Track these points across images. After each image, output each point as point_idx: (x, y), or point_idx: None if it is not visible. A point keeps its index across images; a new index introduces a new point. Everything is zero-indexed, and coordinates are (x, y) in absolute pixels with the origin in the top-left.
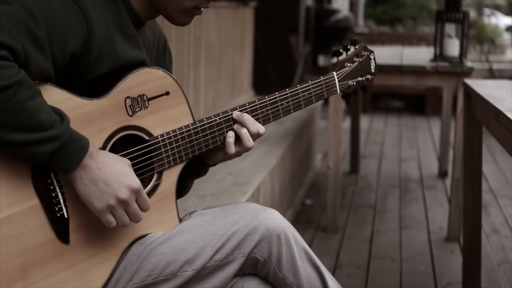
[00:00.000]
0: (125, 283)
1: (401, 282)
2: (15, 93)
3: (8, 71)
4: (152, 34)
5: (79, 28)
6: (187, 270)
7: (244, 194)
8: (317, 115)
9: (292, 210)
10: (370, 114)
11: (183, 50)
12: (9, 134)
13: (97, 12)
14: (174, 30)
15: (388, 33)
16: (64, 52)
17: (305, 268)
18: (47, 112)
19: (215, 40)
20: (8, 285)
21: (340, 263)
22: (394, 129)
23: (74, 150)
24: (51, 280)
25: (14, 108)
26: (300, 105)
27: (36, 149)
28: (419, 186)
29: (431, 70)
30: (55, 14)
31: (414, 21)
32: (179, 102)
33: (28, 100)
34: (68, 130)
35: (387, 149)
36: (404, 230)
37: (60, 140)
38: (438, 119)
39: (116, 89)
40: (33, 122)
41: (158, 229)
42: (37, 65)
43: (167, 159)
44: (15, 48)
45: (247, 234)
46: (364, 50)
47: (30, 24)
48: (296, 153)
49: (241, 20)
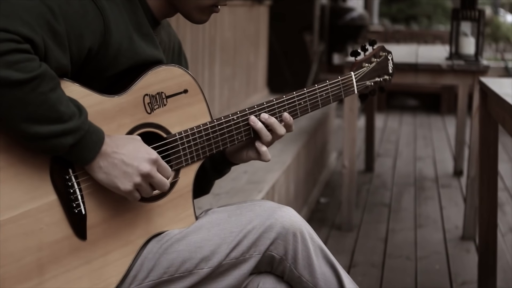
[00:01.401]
0: (141, 280)
1: (416, 281)
2: (38, 85)
3: (31, 64)
4: (168, 38)
5: (96, 25)
6: (203, 267)
7: (259, 192)
8: (332, 114)
9: (307, 208)
10: (385, 112)
11: (198, 49)
12: (32, 127)
13: (114, 10)
14: (189, 29)
15: (403, 31)
16: (81, 48)
17: (321, 266)
18: (66, 104)
19: (230, 38)
20: (24, 280)
21: (355, 261)
22: (409, 128)
23: (92, 141)
24: (67, 276)
25: (37, 100)
26: (318, 104)
27: (58, 141)
28: (434, 184)
29: (447, 69)
30: (73, 11)
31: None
32: (197, 100)
33: (50, 92)
34: (87, 122)
35: (402, 147)
36: (419, 229)
37: (80, 132)
38: (453, 118)
39: (135, 86)
40: (54, 114)
41: (174, 227)
42: (56, 59)
43: (184, 157)
44: (36, 41)
45: (263, 232)
46: (382, 51)
47: (50, 19)
48: (311, 151)
49: (256, 19)
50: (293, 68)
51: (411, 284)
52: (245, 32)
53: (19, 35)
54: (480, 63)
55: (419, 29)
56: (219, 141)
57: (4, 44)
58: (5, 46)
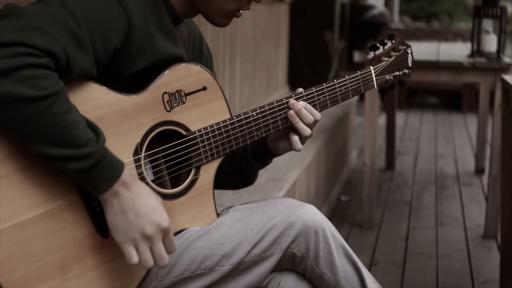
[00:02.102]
0: (162, 277)
1: (438, 280)
2: (52, 104)
3: (47, 81)
4: (188, 31)
5: (120, 24)
6: (225, 264)
7: (280, 190)
8: (353, 111)
9: (328, 206)
10: (405, 110)
11: (219, 46)
12: (43, 147)
13: (138, 8)
14: (210, 27)
15: (424, 28)
16: (107, 49)
17: (343, 264)
18: (82, 129)
19: (251, 36)
20: (48, 279)
21: (376, 259)
22: (430, 126)
23: (106, 173)
24: (90, 274)
25: (50, 121)
26: (337, 99)
27: (67, 165)
28: (455, 183)
29: (469, 66)
30: (96, 13)
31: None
32: (216, 97)
33: (65, 114)
34: (103, 150)
35: (423, 145)
36: (440, 227)
37: (92, 159)
38: (475, 116)
39: (154, 84)
40: (67, 137)
41: (195, 224)
42: (79, 66)
43: (204, 154)
44: (55, 53)
45: (284, 229)
46: (401, 45)
47: (72, 25)
48: (331, 149)
49: (276, 16)
50: (313, 65)
51: (432, 282)
52: (265, 30)
53: (36, 48)
54: (502, 61)
55: (440, 26)
56: (238, 137)
57: (20, 58)
58: (21, 61)
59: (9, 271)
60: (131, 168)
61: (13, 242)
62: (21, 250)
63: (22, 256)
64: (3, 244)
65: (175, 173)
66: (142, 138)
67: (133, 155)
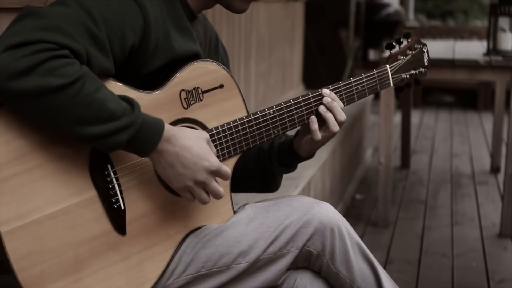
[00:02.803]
0: (179, 274)
1: (453, 279)
2: (82, 86)
3: (71, 67)
4: (204, 31)
5: (137, 23)
6: (241, 262)
7: (295, 188)
8: (368, 110)
9: (343, 205)
10: (420, 108)
11: (234, 45)
12: (85, 128)
13: (154, 6)
14: (225, 25)
15: (439, 27)
16: (124, 48)
17: (359, 262)
18: (116, 101)
19: (266, 34)
20: (65, 275)
21: (391, 258)
22: (445, 124)
23: (149, 135)
24: (107, 271)
25: (85, 102)
26: (353, 98)
27: (113, 139)
28: (471, 181)
29: (484, 64)
30: (113, 12)
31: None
32: (233, 95)
33: (97, 92)
34: (140, 116)
35: (438, 144)
36: (455, 226)
37: (134, 126)
38: (490, 114)
39: (171, 82)
40: (105, 113)
41: (213, 222)
42: (99, 65)
43: (221, 151)
44: (77, 50)
45: (300, 227)
46: (417, 43)
47: (90, 25)
48: (346, 147)
49: (291, 15)
50: (328, 64)
51: (448, 281)
52: (281, 28)
53: (57, 44)
54: None
55: (455, 24)
56: (255, 135)
57: (41, 54)
58: (42, 56)
59: (28, 267)
60: (149, 165)
61: (32, 238)
62: (40, 246)
63: (40, 252)
64: (21, 240)
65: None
66: None
67: None
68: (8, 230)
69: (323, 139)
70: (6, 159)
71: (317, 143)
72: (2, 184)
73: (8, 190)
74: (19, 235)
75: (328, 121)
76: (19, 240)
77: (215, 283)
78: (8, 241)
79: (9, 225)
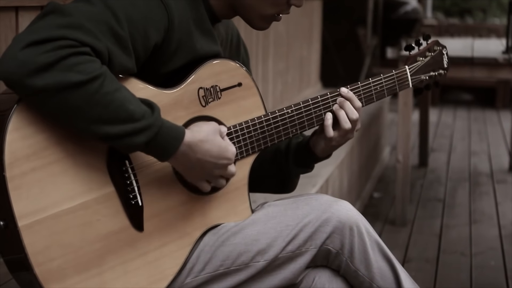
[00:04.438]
0: (197, 272)
1: (471, 277)
2: (101, 85)
3: (92, 65)
4: (225, 30)
5: (161, 22)
6: (259, 260)
7: (313, 186)
8: (385, 108)
9: (360, 203)
10: (438, 107)
11: (252, 43)
12: (102, 128)
13: (178, 6)
14: (243, 24)
15: (457, 24)
16: (147, 46)
17: (378, 260)
18: (136, 103)
19: (284, 33)
20: (83, 271)
21: (409, 257)
22: (463, 122)
23: (168, 140)
24: (125, 267)
25: (104, 100)
26: (372, 98)
27: (131, 140)
28: (489, 180)
29: (503, 62)
30: (138, 11)
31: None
32: (251, 93)
33: (116, 92)
34: (160, 119)
35: (456, 142)
36: (474, 225)
37: (153, 129)
38: (509, 112)
39: (189, 80)
40: (124, 113)
41: (231, 220)
42: (120, 64)
43: (239, 149)
44: (98, 49)
45: (319, 225)
46: (436, 45)
47: (113, 24)
48: (364, 146)
49: (309, 13)
50: (346, 62)
51: (466, 280)
52: (298, 26)
53: (77, 40)
54: None
55: (473, 22)
56: (273, 134)
57: (62, 51)
58: (63, 52)
59: (45, 261)
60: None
61: (49, 233)
62: (57, 241)
63: (57, 247)
64: (39, 235)
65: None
66: None
67: None
68: (26, 224)
69: (338, 138)
70: (25, 154)
71: (331, 142)
72: (20, 179)
73: (26, 185)
74: (36, 230)
75: (340, 118)
76: (37, 235)
77: (234, 282)
78: (26, 235)
79: (27, 219)
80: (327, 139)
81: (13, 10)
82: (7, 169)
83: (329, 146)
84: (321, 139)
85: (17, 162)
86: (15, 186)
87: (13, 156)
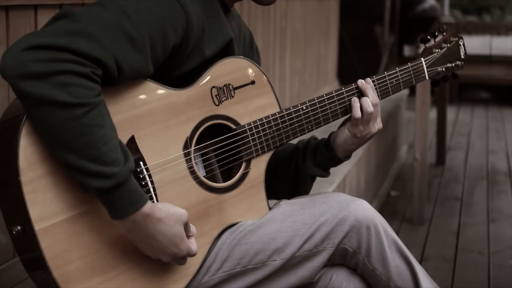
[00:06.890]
0: (215, 271)
1: (489, 276)
2: (84, 114)
3: (86, 91)
4: (238, 28)
5: (179, 23)
6: (276, 259)
7: (331, 184)
8: (403, 106)
9: (378, 201)
10: (456, 105)
11: (269, 41)
12: (67, 154)
13: (195, 5)
14: (260, 22)
15: (475, 22)
16: (166, 47)
17: (395, 259)
18: (111, 147)
19: (301, 30)
20: (101, 273)
21: (426, 255)
22: (481, 121)
23: (125, 201)
24: (144, 267)
25: (78, 130)
26: (388, 91)
27: (85, 180)
28: (507, 178)
29: None
30: (155, 13)
31: (502, 10)
32: (265, 91)
33: (96, 127)
34: (127, 175)
35: (474, 140)
36: (492, 223)
37: (113, 180)
38: None
39: (202, 79)
40: (92, 150)
41: (248, 218)
42: (132, 68)
43: (254, 147)
44: (102, 60)
45: (336, 224)
46: (452, 36)
47: (127, 27)
48: (381, 144)
49: (326, 11)
50: (363, 60)
51: (484, 279)
52: (315, 24)
53: (83, 55)
54: None
55: (491, 20)
56: (288, 130)
57: (64, 64)
58: (64, 66)
59: (63, 264)
60: (181, 162)
61: (67, 235)
62: (74, 244)
63: (75, 250)
64: (56, 238)
65: (226, 167)
66: (191, 133)
67: (183, 149)
68: (43, 228)
69: (362, 126)
70: (39, 158)
71: (355, 135)
72: (36, 183)
73: (42, 189)
74: (54, 233)
75: (362, 103)
76: (54, 238)
77: (250, 281)
78: (43, 239)
79: (44, 222)
80: (351, 132)
81: (32, 8)
82: (22, 173)
83: (349, 142)
84: (341, 133)
85: (32, 167)
86: (31, 190)
87: (28, 161)
